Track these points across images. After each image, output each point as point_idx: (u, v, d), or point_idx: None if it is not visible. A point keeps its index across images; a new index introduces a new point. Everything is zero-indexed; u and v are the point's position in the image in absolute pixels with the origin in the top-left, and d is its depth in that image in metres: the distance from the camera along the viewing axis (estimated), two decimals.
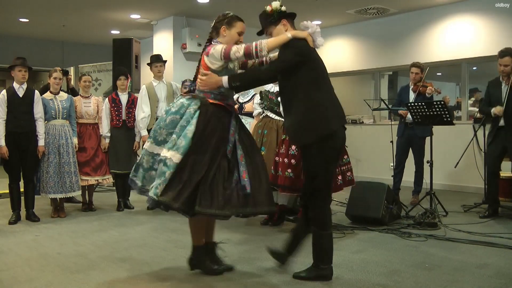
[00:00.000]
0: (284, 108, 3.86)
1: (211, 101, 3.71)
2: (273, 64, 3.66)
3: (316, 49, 3.75)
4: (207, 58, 3.71)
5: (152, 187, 3.56)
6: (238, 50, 3.61)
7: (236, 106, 6.39)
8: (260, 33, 3.92)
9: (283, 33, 3.69)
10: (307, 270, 3.82)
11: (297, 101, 3.67)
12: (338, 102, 3.77)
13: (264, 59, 3.91)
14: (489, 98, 6.25)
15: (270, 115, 5.68)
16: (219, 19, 3.84)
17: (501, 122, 6.08)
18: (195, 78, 3.91)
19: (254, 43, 3.60)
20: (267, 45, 3.59)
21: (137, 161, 3.83)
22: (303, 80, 3.63)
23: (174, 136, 3.61)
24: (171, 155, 3.53)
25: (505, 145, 6.06)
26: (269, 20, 3.76)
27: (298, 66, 3.60)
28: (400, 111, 6.97)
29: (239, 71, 3.94)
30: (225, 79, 3.64)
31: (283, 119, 5.70)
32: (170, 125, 3.68)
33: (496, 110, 6.05)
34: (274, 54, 3.89)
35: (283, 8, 3.77)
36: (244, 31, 3.84)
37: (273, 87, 5.69)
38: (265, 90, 5.75)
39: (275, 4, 3.77)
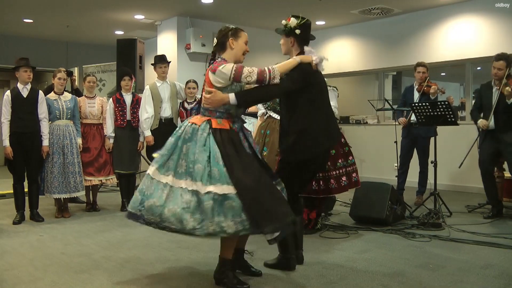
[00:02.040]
0: (282, 124, 4.05)
1: (215, 125, 3.56)
2: (281, 84, 3.66)
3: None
4: (213, 75, 3.59)
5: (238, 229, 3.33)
6: (250, 75, 3.54)
7: None
8: (278, 31, 4.06)
9: (289, 48, 3.96)
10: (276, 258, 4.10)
11: (294, 121, 3.88)
12: (332, 121, 4.08)
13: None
14: (480, 101, 6.35)
15: (273, 115, 5.68)
16: (223, 33, 3.76)
17: (491, 127, 6.14)
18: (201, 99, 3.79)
19: (266, 70, 3.56)
20: (279, 72, 3.61)
21: (144, 193, 3.56)
22: (302, 102, 3.84)
23: (198, 165, 3.42)
24: (228, 189, 3.34)
25: (498, 148, 6.13)
26: (282, 30, 3.98)
27: (302, 89, 3.78)
28: (399, 120, 7.00)
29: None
30: (232, 96, 3.57)
31: None
32: (185, 154, 3.51)
33: (481, 123, 6.19)
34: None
35: (297, 31, 3.89)
36: (248, 40, 3.83)
37: None
38: None
39: (292, 22, 3.93)
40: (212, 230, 3.31)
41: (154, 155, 3.74)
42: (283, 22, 3.97)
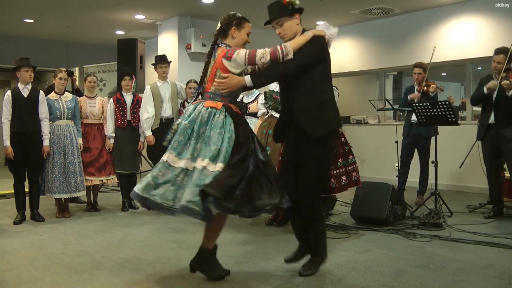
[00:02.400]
0: (291, 101, 3.80)
1: (232, 106, 3.67)
2: (297, 59, 3.63)
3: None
4: (228, 62, 3.62)
5: (189, 196, 3.40)
6: (263, 56, 3.58)
7: None
8: (267, 23, 3.86)
9: (297, 28, 3.75)
10: (309, 265, 3.95)
11: (308, 95, 3.72)
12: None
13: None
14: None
15: (275, 115, 5.67)
16: (227, 21, 3.77)
17: (491, 120, 6.11)
18: (202, 81, 3.81)
19: (278, 47, 3.59)
20: (292, 48, 3.60)
21: (158, 179, 3.58)
22: (317, 75, 3.71)
23: (213, 146, 3.48)
24: (220, 167, 3.43)
25: (497, 143, 6.11)
26: (284, 11, 3.73)
27: (318, 62, 3.68)
28: (410, 96, 6.93)
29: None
30: (247, 78, 3.62)
31: None
32: (202, 138, 3.57)
33: (490, 83, 6.04)
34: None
35: (298, 2, 3.76)
36: (250, 31, 3.82)
37: (277, 87, 5.67)
38: (270, 90, 5.74)
39: None
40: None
41: (164, 143, 3.77)
42: (286, 0, 3.70)
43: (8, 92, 5.97)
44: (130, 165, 6.80)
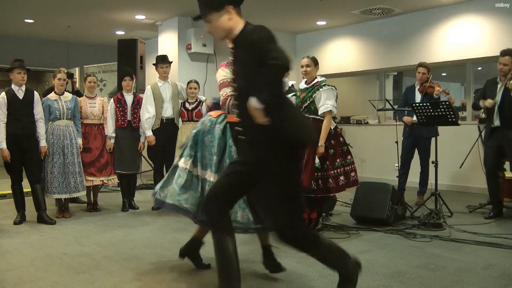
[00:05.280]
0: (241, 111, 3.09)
1: (231, 119, 3.75)
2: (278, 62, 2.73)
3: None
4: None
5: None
6: (222, 95, 3.81)
7: None
8: (196, 19, 3.18)
9: (228, 24, 2.98)
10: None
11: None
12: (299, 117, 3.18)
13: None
14: (484, 95, 6.31)
15: None
16: None
17: (497, 123, 6.10)
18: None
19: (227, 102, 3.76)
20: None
21: (179, 185, 3.79)
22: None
23: (215, 157, 3.70)
24: None
25: (500, 144, 6.09)
26: (210, 5, 2.99)
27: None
28: (404, 119, 6.96)
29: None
30: (254, 101, 2.73)
31: None
32: (207, 146, 3.79)
33: (487, 102, 6.11)
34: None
35: None
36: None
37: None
38: None
39: None
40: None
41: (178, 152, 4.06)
42: None
43: (3, 94, 5.89)
44: (130, 166, 6.80)
